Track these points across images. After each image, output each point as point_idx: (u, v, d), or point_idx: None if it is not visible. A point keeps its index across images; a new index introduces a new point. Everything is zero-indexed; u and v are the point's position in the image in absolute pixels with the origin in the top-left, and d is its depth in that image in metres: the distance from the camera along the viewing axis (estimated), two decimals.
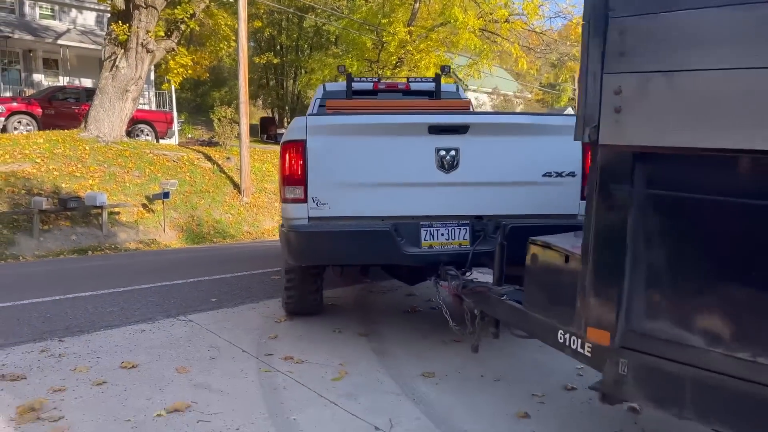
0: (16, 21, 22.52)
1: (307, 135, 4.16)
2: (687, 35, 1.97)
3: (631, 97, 2.10)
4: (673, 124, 2.01)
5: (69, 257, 11.74)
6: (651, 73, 2.04)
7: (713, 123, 1.92)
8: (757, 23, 1.81)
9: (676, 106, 2.00)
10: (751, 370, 1.89)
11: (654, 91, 2.05)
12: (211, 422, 3.26)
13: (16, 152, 14.61)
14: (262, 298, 5.96)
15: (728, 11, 1.88)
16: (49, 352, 4.29)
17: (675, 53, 1.99)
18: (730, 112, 1.89)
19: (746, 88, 1.84)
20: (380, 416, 3.39)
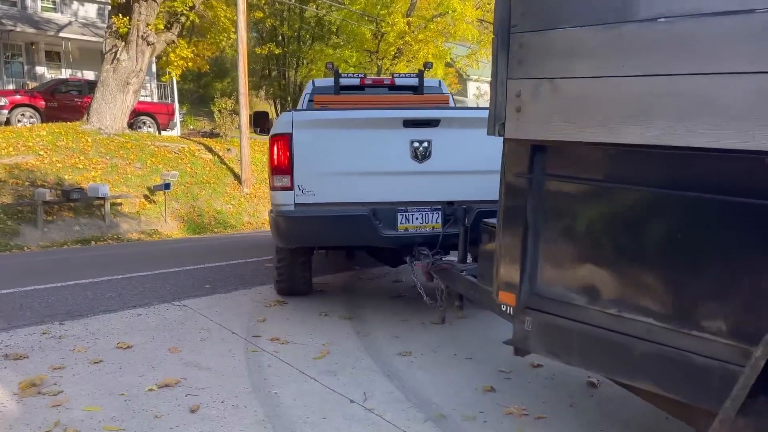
0: (18, 14, 22.74)
1: (293, 129, 4.58)
2: (565, 49, 2.34)
3: (527, 99, 2.49)
4: (557, 122, 2.39)
5: (72, 247, 12.02)
6: (541, 79, 2.42)
7: (585, 121, 2.29)
8: (612, 40, 2.18)
9: (558, 106, 2.38)
10: (618, 322, 2.31)
11: (543, 94, 2.43)
12: (198, 396, 3.53)
13: (19, 145, 14.88)
14: (254, 285, 6.22)
15: (593, 30, 2.23)
16: (50, 334, 4.57)
17: (557, 63, 2.36)
18: (597, 112, 2.26)
19: (608, 94, 2.21)
20: (356, 390, 3.66)
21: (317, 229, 4.65)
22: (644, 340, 2.22)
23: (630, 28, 2.14)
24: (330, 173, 4.58)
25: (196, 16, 18.05)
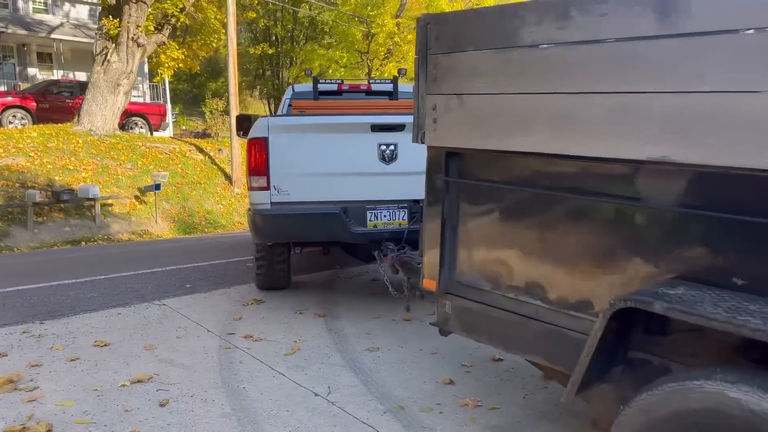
0: (9, 15, 22.82)
1: (269, 133, 4.94)
2: (468, 69, 2.64)
3: (441, 112, 2.80)
4: (465, 132, 2.70)
5: (62, 248, 12.14)
6: (451, 95, 2.74)
7: (486, 131, 2.60)
8: (503, 62, 2.48)
9: (465, 118, 2.69)
10: (515, 305, 2.65)
11: (453, 108, 2.73)
12: (169, 391, 3.68)
13: (10, 146, 14.99)
14: (234, 284, 6.38)
15: (488, 53, 2.54)
16: (30, 333, 4.72)
17: (462, 81, 2.67)
18: (494, 124, 2.55)
19: (501, 108, 2.53)
20: (322, 385, 3.82)
21: (292, 225, 5.02)
22: (534, 319, 2.57)
23: (516, 53, 2.45)
24: (304, 174, 4.92)
25: (186, 17, 18.16)
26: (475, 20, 2.70)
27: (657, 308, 1.85)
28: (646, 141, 2.04)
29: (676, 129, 1.96)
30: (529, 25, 2.40)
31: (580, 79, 2.22)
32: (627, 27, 2.08)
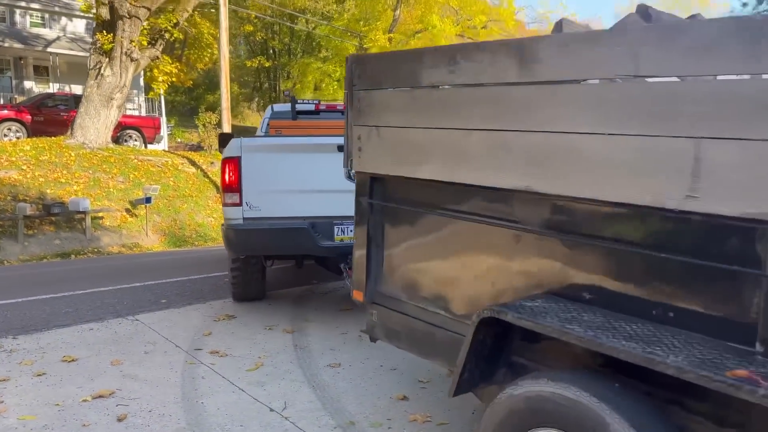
0: (6, 29, 23.07)
1: (242, 153, 5.27)
2: (382, 104, 2.98)
3: (365, 141, 3.12)
4: (383, 160, 3.05)
5: (51, 261, 12.25)
6: (371, 126, 3.06)
7: (398, 160, 2.94)
8: (407, 100, 2.79)
9: (382, 148, 3.03)
10: (426, 314, 2.93)
11: (373, 138, 3.06)
12: (129, 405, 3.80)
13: (2, 159, 15.15)
14: (208, 300, 6.49)
15: (397, 92, 2.85)
16: (2, 348, 4.84)
17: (379, 115, 3.01)
18: (403, 153, 2.90)
19: (409, 140, 2.84)
20: (279, 400, 3.93)
21: (263, 239, 5.31)
22: (440, 327, 2.86)
23: (418, 92, 2.77)
24: (274, 191, 5.22)
25: (179, 32, 18.37)
26: (388, 62, 3.10)
27: (509, 318, 2.15)
28: (514, 173, 2.34)
29: (536, 163, 2.24)
30: (428, 68, 2.71)
31: (465, 117, 2.54)
32: (498, 74, 2.38)
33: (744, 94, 1.72)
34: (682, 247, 1.96)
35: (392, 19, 21.36)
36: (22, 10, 23.75)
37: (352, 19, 21.88)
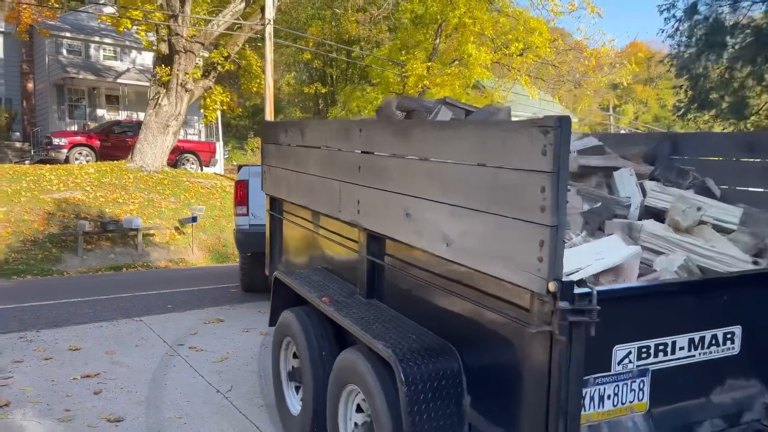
0: (82, 62, 25.34)
1: (249, 177, 7.63)
2: (269, 153, 4.77)
3: (267, 174, 4.92)
4: (274, 187, 4.75)
5: (105, 273, 13.63)
6: (269, 165, 4.86)
7: (280, 188, 4.53)
8: (279, 151, 4.23)
9: (273, 179, 4.74)
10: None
11: (270, 172, 4.83)
12: (107, 384, 4.78)
13: (69, 181, 16.87)
14: (207, 306, 7.48)
15: (275, 146, 4.40)
16: (26, 339, 5.94)
17: (269, 159, 4.85)
18: (283, 185, 4.52)
19: (284, 176, 4.39)
20: (227, 384, 4.83)
21: (263, 240, 6.50)
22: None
23: (284, 147, 4.51)
24: None
25: (230, 64, 19.88)
26: (271, 127, 5.04)
27: (276, 275, 4.06)
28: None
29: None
30: (289, 133, 4.44)
31: (307, 165, 3.85)
32: (316, 140, 3.83)
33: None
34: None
35: (432, 48, 22.27)
36: (96, 44, 26.03)
37: (393, 48, 22.92)
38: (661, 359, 2.41)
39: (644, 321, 2.38)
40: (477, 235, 2.35)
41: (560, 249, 2.02)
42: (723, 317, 2.55)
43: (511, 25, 20.99)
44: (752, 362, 2.65)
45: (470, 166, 2.41)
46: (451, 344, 2.69)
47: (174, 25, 17.90)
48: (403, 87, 22.55)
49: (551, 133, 1.98)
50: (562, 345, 2.03)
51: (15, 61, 27.09)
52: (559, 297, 2.01)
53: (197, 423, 4.10)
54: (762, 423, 2.66)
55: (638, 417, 2.40)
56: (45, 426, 4.01)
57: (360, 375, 2.92)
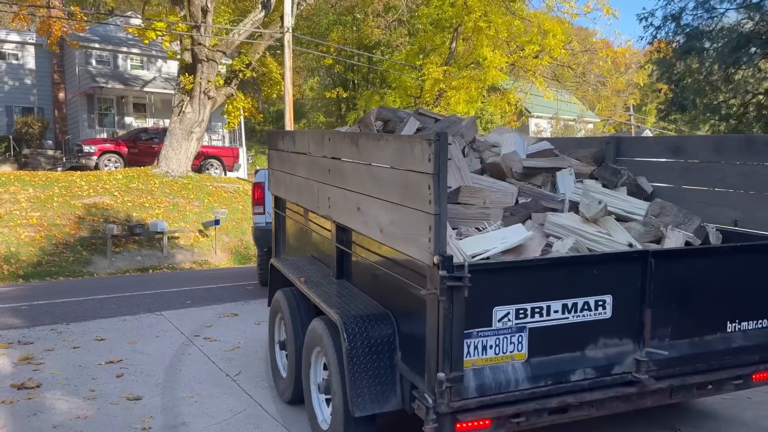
0: (110, 72, 26.24)
1: (265, 179, 7.98)
2: (273, 158, 5.55)
3: (272, 176, 5.63)
4: (278, 187, 5.47)
5: (133, 275, 14.26)
6: (273, 169, 5.59)
7: (281, 188, 5.25)
8: (280, 156, 4.79)
9: (277, 181, 5.44)
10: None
11: (275, 175, 5.52)
12: (128, 369, 5.27)
13: (98, 187, 17.60)
14: (224, 302, 7.97)
15: (276, 152, 5.13)
16: (56, 331, 6.49)
17: (273, 163, 5.58)
18: (283, 185, 5.19)
19: (284, 179, 4.76)
20: (236, 369, 5.28)
21: None
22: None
23: (283, 153, 5.17)
24: None
25: (251, 72, 20.49)
26: (274, 135, 5.74)
27: (273, 262, 4.75)
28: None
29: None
30: (285, 141, 5.11)
31: (297, 169, 4.39)
32: (302, 147, 4.47)
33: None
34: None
35: (449, 51, 22.64)
36: (124, 54, 26.92)
37: (411, 53, 23.34)
38: (538, 320, 3.01)
39: (521, 288, 2.98)
40: (396, 222, 3.07)
41: (443, 231, 2.67)
42: (595, 287, 3.12)
43: (525, 28, 21.27)
44: (623, 325, 3.21)
45: (391, 170, 3.10)
46: (390, 311, 3.40)
47: (197, 35, 18.55)
48: (420, 91, 22.97)
49: (433, 144, 2.61)
50: (444, 304, 2.70)
51: (47, 71, 28.13)
52: (440, 267, 2.66)
53: (207, 401, 4.56)
54: (633, 375, 3.19)
55: (518, 364, 3.00)
56: (71, 403, 4.50)
57: (321, 337, 3.65)
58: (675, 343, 3.36)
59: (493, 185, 4.29)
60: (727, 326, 3.51)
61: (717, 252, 3.65)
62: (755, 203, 4.02)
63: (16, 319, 7.15)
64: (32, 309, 7.71)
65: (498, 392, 2.96)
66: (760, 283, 3.55)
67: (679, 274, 3.34)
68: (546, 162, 4.71)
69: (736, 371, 3.52)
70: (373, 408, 3.25)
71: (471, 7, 20.48)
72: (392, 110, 5.43)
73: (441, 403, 2.82)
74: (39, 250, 14.03)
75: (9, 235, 14.25)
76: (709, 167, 4.37)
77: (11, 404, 4.47)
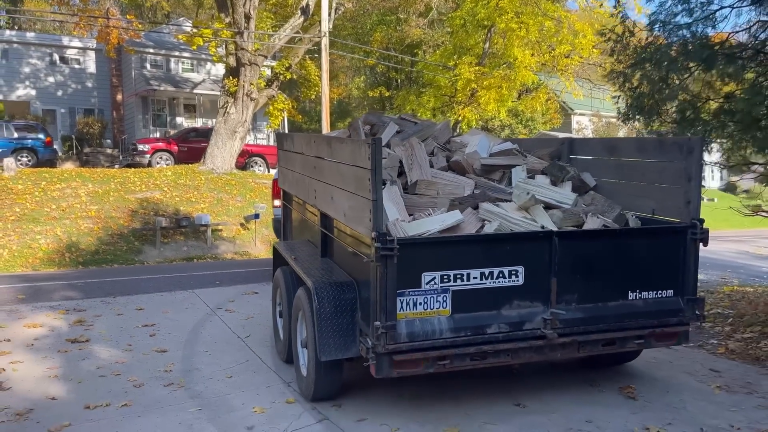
0: (163, 75, 27.99)
1: None
2: (282, 157, 6.32)
3: (281, 172, 6.88)
4: (285, 182, 6.68)
5: (178, 263, 15.62)
6: (282, 167, 6.74)
7: (289, 183, 6.34)
8: (287, 156, 5.90)
9: (285, 176, 6.63)
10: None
11: (282, 171, 6.77)
12: (159, 331, 6.42)
13: (150, 183, 19.10)
14: (249, 283, 9.10)
15: (284, 152, 6.10)
16: (105, 302, 7.73)
17: (282, 161, 6.75)
18: (291, 181, 6.24)
19: (287, 174, 5.88)
20: (246, 333, 6.35)
21: None
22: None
23: (288, 152, 6.19)
24: None
25: (291, 74, 21.71)
26: (281, 137, 6.90)
27: (275, 245, 5.43)
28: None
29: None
30: (288, 141, 6.25)
31: (296, 166, 5.36)
32: (299, 147, 5.05)
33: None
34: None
35: (482, 52, 23.35)
36: (176, 58, 28.64)
37: (445, 53, 24.14)
38: (459, 284, 3.83)
39: (445, 258, 3.79)
40: (353, 207, 3.97)
41: (379, 213, 3.58)
42: (509, 260, 3.91)
43: (556, 29, 21.81)
44: (533, 290, 3.99)
45: (347, 165, 4.01)
46: (354, 280, 4.28)
47: (240, 40, 19.85)
48: (454, 91, 23.76)
49: (371, 147, 3.54)
50: (380, 269, 3.62)
51: (106, 75, 30.11)
52: (376, 240, 3.56)
53: (218, 355, 5.65)
54: (541, 331, 3.99)
55: (443, 318, 3.82)
56: (112, 353, 5.66)
57: (302, 301, 4.52)
58: (580, 307, 4.12)
59: (453, 180, 4.98)
60: (628, 294, 4.24)
61: (607, 234, 4.35)
62: (667, 195, 4.66)
63: (74, 292, 8.44)
64: (87, 285, 9.02)
65: (426, 339, 3.78)
66: (658, 261, 4.28)
67: (581, 251, 4.13)
68: (502, 160, 5.40)
69: (637, 332, 4.25)
70: (337, 354, 4.05)
71: (503, 8, 21.15)
72: (377, 116, 6.23)
73: (377, 344, 3.66)
74: (96, 240, 15.50)
75: (71, 226, 15.78)
76: (634, 164, 5.05)
77: (66, 353, 5.67)
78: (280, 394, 4.68)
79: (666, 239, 4.35)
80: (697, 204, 4.35)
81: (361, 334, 4.04)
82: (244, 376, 5.10)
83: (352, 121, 6.04)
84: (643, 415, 4.23)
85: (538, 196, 4.64)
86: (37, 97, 28.53)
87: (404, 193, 4.72)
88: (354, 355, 4.08)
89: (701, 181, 4.42)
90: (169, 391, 4.74)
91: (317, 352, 4.06)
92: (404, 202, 4.53)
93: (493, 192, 4.76)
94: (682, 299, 4.33)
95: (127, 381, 4.93)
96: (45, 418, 4.20)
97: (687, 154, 4.38)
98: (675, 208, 4.53)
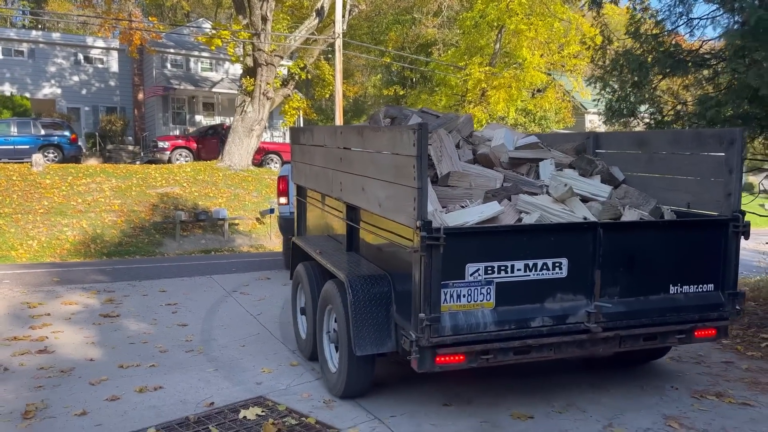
0: (183, 74, 28.89)
1: (288, 173, 8.64)
2: (296, 151, 6.63)
3: (295, 168, 6.67)
4: (299, 177, 6.54)
5: (197, 255, 16.40)
6: (296, 162, 6.61)
7: (303, 178, 6.34)
8: (301, 150, 6.32)
9: (299, 171, 6.52)
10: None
11: (297, 166, 6.58)
12: (181, 309, 7.15)
13: (170, 178, 19.92)
14: (262, 270, 9.82)
15: (298, 146, 6.57)
16: (131, 284, 8.49)
17: (296, 156, 6.64)
18: (305, 175, 6.22)
19: (305, 169, 6.17)
20: (259, 311, 7.05)
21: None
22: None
23: (304, 146, 6.27)
24: None
25: (306, 74, 22.44)
26: (295, 131, 6.79)
27: (294, 239, 5.88)
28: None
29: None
30: (305, 135, 6.23)
31: (315, 159, 5.68)
32: (320, 140, 5.52)
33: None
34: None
35: (493, 52, 23.92)
36: (195, 58, 29.54)
37: (456, 54, 24.75)
38: (503, 276, 3.73)
39: (489, 250, 3.70)
40: (390, 197, 3.86)
41: (424, 201, 3.44)
42: (553, 251, 3.82)
43: (564, 30, 22.33)
44: (577, 283, 3.90)
45: (385, 154, 3.94)
46: (388, 273, 4.19)
47: (257, 41, 20.61)
48: (465, 90, 24.37)
49: (416, 133, 3.40)
50: (425, 259, 3.48)
51: (128, 74, 31.09)
52: (422, 230, 3.42)
53: (233, 328, 6.36)
54: (584, 324, 3.89)
55: (487, 311, 3.71)
56: (140, 326, 6.40)
57: (332, 295, 4.41)
58: (622, 300, 4.01)
59: (481, 172, 4.82)
60: (670, 288, 4.12)
61: (651, 226, 4.24)
62: (703, 188, 4.51)
63: (103, 276, 9.23)
64: (115, 270, 9.83)
65: (469, 332, 3.66)
66: (699, 254, 4.19)
67: (624, 243, 4.02)
68: (530, 153, 5.24)
69: (678, 327, 4.15)
70: (372, 349, 3.90)
71: (513, 10, 21.71)
72: (398, 109, 6.02)
73: (421, 337, 3.52)
74: (120, 232, 16.32)
75: (96, 219, 16.63)
76: (666, 157, 4.88)
77: (99, 325, 6.42)
78: (286, 359, 5.37)
79: (708, 232, 4.23)
80: (738, 196, 4.20)
81: (396, 329, 3.94)
82: (255, 345, 5.79)
83: (373, 114, 5.90)
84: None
85: (575, 188, 4.52)
86: (62, 96, 29.57)
87: (434, 185, 4.60)
88: (389, 351, 4.00)
89: (742, 174, 4.28)
90: (190, 355, 5.45)
91: (352, 347, 3.97)
92: (436, 194, 4.45)
93: (524, 185, 4.72)
94: (723, 293, 4.23)
95: (153, 347, 5.66)
96: (85, 374, 4.94)
97: (728, 145, 4.21)
98: (712, 201, 4.38)
